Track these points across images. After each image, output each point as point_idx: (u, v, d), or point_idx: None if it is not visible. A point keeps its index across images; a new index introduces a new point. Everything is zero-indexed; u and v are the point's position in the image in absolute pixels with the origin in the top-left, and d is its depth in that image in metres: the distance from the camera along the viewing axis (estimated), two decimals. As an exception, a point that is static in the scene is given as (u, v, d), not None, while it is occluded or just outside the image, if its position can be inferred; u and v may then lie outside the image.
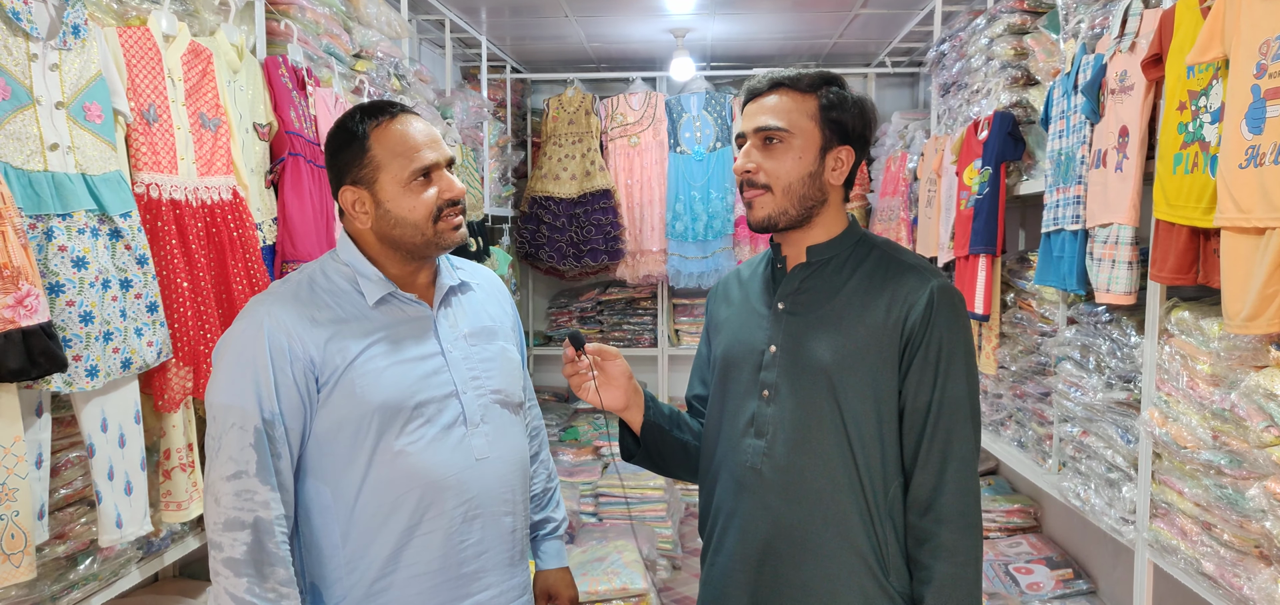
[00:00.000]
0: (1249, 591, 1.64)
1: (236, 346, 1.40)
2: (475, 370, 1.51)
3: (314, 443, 1.41)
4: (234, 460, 1.35)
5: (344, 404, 1.39)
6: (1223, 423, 1.72)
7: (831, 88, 1.47)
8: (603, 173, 5.13)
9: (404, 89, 3.35)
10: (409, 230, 1.44)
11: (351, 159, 1.45)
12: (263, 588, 1.34)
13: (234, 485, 1.34)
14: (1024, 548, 3.23)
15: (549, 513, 1.77)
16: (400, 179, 1.43)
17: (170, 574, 2.47)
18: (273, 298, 1.43)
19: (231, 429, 1.35)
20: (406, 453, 1.41)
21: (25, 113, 1.53)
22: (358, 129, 1.45)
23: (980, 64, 3.20)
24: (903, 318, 1.43)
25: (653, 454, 1.63)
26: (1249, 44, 1.56)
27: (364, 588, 1.42)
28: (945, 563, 1.38)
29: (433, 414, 1.44)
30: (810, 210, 1.48)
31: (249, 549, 1.33)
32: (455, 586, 1.45)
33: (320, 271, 1.48)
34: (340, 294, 1.45)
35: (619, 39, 4.91)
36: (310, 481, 1.42)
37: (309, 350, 1.38)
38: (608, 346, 1.56)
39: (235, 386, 1.37)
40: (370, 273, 1.46)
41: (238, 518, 1.34)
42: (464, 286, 1.59)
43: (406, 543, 1.42)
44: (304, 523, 1.44)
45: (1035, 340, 2.80)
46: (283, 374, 1.37)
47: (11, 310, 1.40)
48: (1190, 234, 1.78)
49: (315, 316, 1.41)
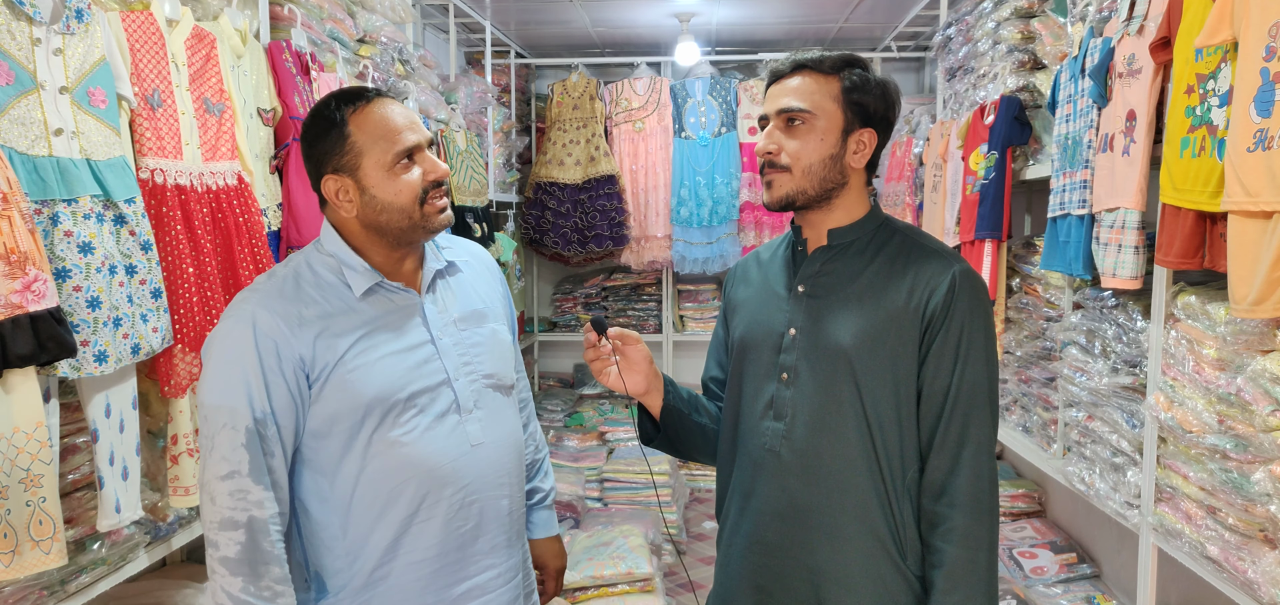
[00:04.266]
0: (1253, 575, 1.64)
1: (224, 345, 1.37)
2: (466, 356, 1.50)
3: (309, 438, 1.40)
4: (227, 460, 1.34)
5: (336, 399, 1.38)
6: (1228, 407, 1.72)
7: (855, 70, 1.47)
8: (607, 158, 5.12)
9: (408, 74, 3.34)
10: (396, 214, 1.41)
11: (331, 147, 1.41)
12: (257, 587, 1.33)
13: (227, 485, 1.33)
14: (1028, 532, 3.24)
15: (537, 483, 1.76)
16: (383, 162, 1.40)
17: (178, 558, 2.48)
18: (259, 294, 1.40)
19: (223, 429, 1.34)
20: (401, 443, 1.40)
21: (29, 97, 1.53)
22: (336, 116, 1.41)
23: (987, 48, 3.18)
24: (924, 302, 1.42)
25: (671, 438, 1.63)
26: (1258, 26, 1.54)
27: (364, 576, 1.42)
28: (958, 547, 1.38)
29: (426, 404, 1.43)
30: (830, 192, 1.48)
31: (243, 548, 1.33)
32: (453, 570, 1.46)
33: (305, 264, 1.45)
34: (327, 287, 1.43)
35: (624, 23, 4.89)
36: (308, 475, 1.42)
37: (298, 348, 1.36)
38: (629, 331, 1.56)
39: (225, 386, 1.35)
40: (356, 263, 1.44)
41: (232, 517, 1.33)
42: (451, 268, 1.57)
43: (404, 532, 1.42)
44: (304, 515, 1.43)
45: (1041, 325, 2.79)
46: (272, 373, 1.35)
47: (20, 295, 1.40)
48: (1197, 218, 1.78)
49: (303, 313, 1.39)
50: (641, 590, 3.17)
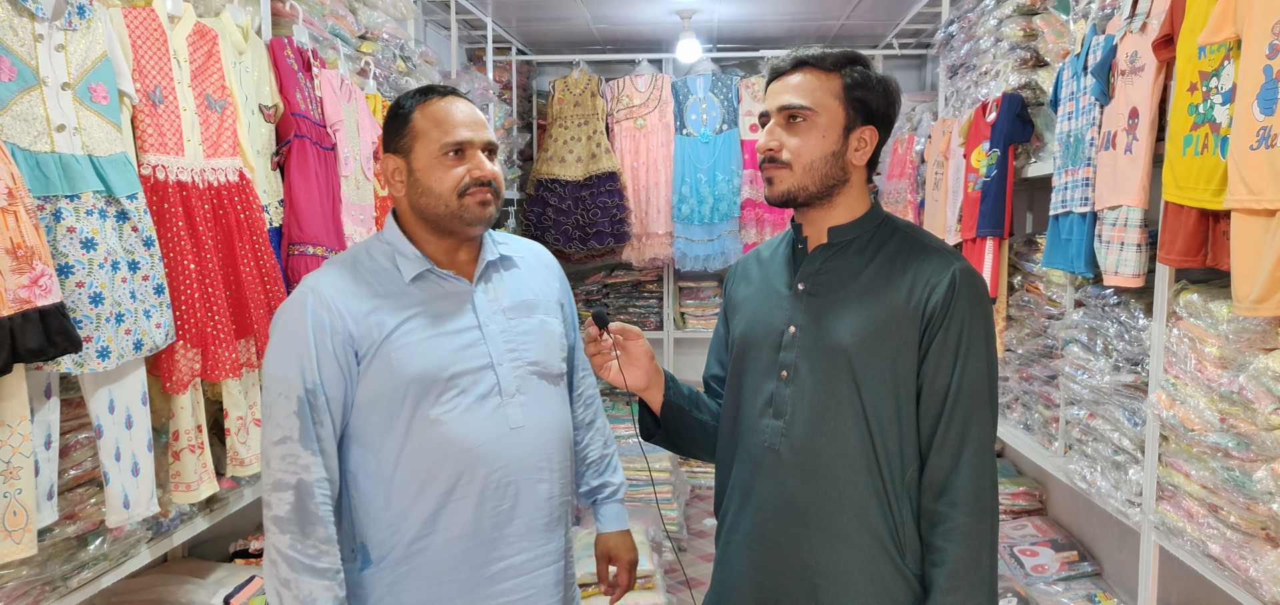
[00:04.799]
0: (1255, 573, 1.64)
1: (285, 320, 1.49)
2: (512, 342, 1.56)
3: (357, 412, 1.50)
4: (280, 426, 1.45)
5: (381, 376, 1.47)
6: (1230, 405, 1.72)
7: (856, 67, 1.47)
8: (608, 155, 5.12)
9: (409, 70, 3.34)
10: (435, 201, 1.50)
11: (395, 129, 1.55)
12: (304, 544, 1.43)
13: (280, 449, 1.44)
14: (1029, 530, 3.24)
15: (607, 477, 1.83)
16: (432, 150, 1.50)
17: (180, 554, 2.49)
18: (319, 274, 1.53)
19: (278, 398, 1.45)
20: (441, 423, 1.48)
21: (31, 94, 1.53)
22: (407, 104, 1.55)
23: (989, 45, 3.18)
24: (924, 300, 1.42)
25: (672, 434, 1.64)
26: (1262, 24, 1.54)
27: (403, 548, 1.50)
28: (958, 546, 1.38)
29: (467, 385, 1.50)
30: (831, 189, 1.48)
31: (292, 508, 1.43)
32: (488, 549, 1.51)
33: (365, 250, 1.57)
34: (381, 272, 1.53)
35: (625, 20, 4.89)
36: (356, 448, 1.51)
37: (347, 325, 1.47)
38: (630, 326, 1.57)
39: (281, 358, 1.47)
40: (408, 251, 1.54)
41: (282, 479, 1.44)
42: (507, 262, 1.65)
43: (442, 508, 1.49)
44: (353, 488, 1.52)
45: (1042, 323, 2.79)
46: (323, 347, 1.46)
47: (27, 290, 1.40)
48: (1200, 216, 1.77)
49: (357, 294, 1.50)
50: (641, 587, 3.18)
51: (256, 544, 2.55)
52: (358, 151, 2.71)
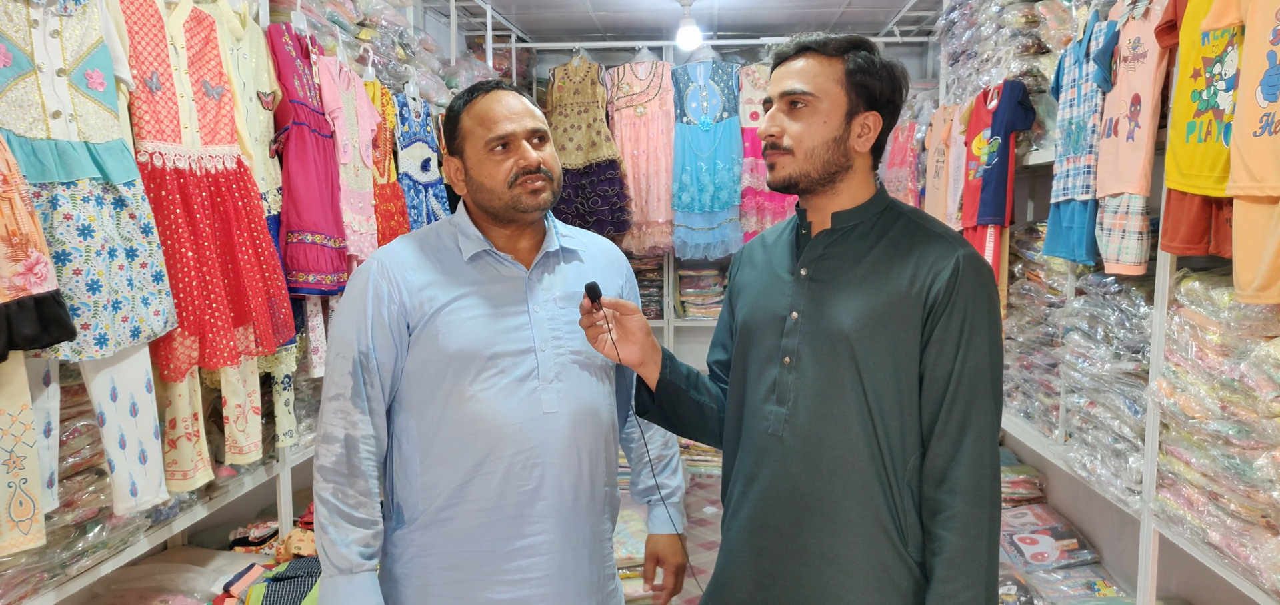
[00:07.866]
0: (1255, 561, 1.64)
1: (352, 285, 1.60)
2: (558, 330, 1.60)
3: (406, 379, 1.58)
4: (336, 383, 1.55)
5: (428, 348, 1.55)
6: (1231, 393, 1.71)
7: (860, 52, 1.45)
8: (609, 143, 5.10)
9: (408, 58, 3.33)
10: (489, 194, 1.57)
11: (450, 132, 1.63)
12: (345, 494, 1.52)
13: (334, 405, 1.54)
14: (1029, 518, 3.24)
15: (664, 479, 1.86)
16: (480, 148, 1.57)
17: (179, 542, 2.49)
18: (389, 245, 1.63)
19: (337, 357, 1.56)
20: (476, 399, 1.54)
21: (27, 80, 1.52)
22: (457, 106, 1.62)
23: (990, 32, 3.16)
24: (927, 286, 1.41)
25: (667, 412, 1.64)
26: (1266, 10, 1.53)
27: (433, 512, 1.57)
28: (957, 535, 1.37)
29: (507, 366, 1.55)
30: (833, 175, 1.47)
31: (337, 459, 1.53)
32: (510, 525, 1.56)
33: (434, 230, 1.66)
34: (444, 251, 1.62)
35: (625, 8, 4.87)
36: (402, 413, 1.59)
37: (402, 296, 1.56)
38: (625, 301, 1.57)
39: (344, 321, 1.57)
40: (470, 232, 1.62)
41: (332, 432, 1.54)
42: (569, 253, 1.69)
43: (470, 480, 1.55)
44: (396, 450, 1.60)
45: (1043, 311, 2.79)
46: (378, 315, 1.55)
47: (23, 278, 1.40)
48: (1202, 203, 1.77)
49: (418, 265, 1.59)
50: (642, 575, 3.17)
51: (256, 532, 2.55)
52: (356, 139, 2.69)
